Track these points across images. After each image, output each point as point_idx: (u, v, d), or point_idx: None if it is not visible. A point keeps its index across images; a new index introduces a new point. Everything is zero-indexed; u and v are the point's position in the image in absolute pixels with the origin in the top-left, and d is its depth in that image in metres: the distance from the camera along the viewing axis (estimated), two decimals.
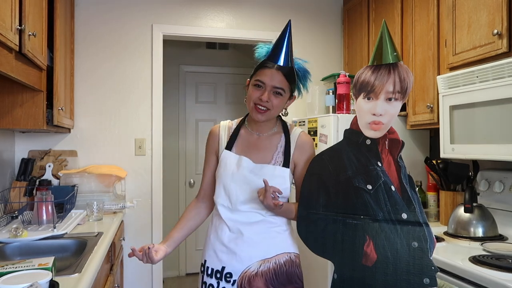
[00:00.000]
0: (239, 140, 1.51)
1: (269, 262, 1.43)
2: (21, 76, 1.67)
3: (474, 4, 1.84)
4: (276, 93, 1.40)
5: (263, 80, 1.40)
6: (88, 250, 1.68)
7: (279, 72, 1.40)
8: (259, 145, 1.49)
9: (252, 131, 1.52)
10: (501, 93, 1.65)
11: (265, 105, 1.40)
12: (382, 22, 1.30)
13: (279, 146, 1.49)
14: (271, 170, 1.43)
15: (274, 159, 1.46)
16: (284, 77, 1.40)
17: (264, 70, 1.41)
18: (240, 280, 1.41)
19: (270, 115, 1.43)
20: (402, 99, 1.26)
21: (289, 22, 1.44)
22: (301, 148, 1.49)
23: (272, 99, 1.40)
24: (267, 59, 1.42)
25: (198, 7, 3.16)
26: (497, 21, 1.70)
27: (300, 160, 1.48)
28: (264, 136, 1.51)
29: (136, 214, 2.99)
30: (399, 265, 1.22)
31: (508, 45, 1.66)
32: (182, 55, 4.33)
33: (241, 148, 1.49)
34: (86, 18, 2.93)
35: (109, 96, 2.97)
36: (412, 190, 1.26)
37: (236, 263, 1.42)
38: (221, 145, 1.52)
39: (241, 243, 1.43)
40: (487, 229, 1.91)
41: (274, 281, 1.41)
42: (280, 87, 1.40)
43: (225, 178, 1.45)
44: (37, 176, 2.66)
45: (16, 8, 1.52)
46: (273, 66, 1.40)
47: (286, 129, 1.52)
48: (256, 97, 1.41)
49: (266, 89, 1.40)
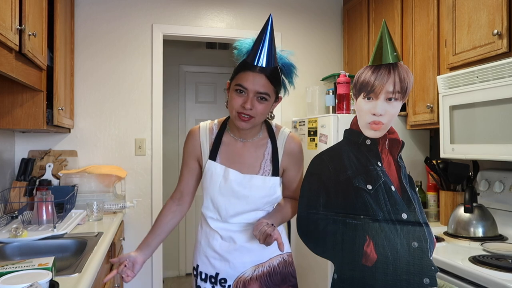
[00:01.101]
0: (222, 148, 1.40)
1: (263, 266, 1.42)
2: (21, 76, 1.66)
3: (474, 4, 1.84)
4: (261, 98, 1.28)
5: (245, 85, 1.27)
6: (88, 250, 1.68)
7: (261, 75, 1.27)
8: (244, 154, 1.40)
9: (236, 138, 1.41)
10: (501, 93, 1.65)
11: (249, 113, 1.28)
12: (382, 22, 1.30)
13: (266, 153, 1.40)
14: (261, 181, 1.37)
15: (262, 168, 1.39)
16: (268, 80, 1.28)
17: (245, 73, 1.28)
18: (235, 285, 1.40)
19: (255, 122, 1.32)
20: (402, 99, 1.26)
21: (270, 16, 1.29)
22: (290, 154, 1.42)
23: (256, 105, 1.28)
24: (247, 60, 1.29)
25: (198, 7, 3.16)
26: (497, 21, 1.70)
27: (290, 165, 1.43)
28: (249, 142, 1.41)
29: (136, 214, 2.99)
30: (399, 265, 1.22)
31: (508, 45, 1.66)
32: (182, 55, 4.33)
33: (226, 157, 1.39)
34: (86, 18, 2.93)
35: (109, 96, 2.97)
36: (412, 190, 1.26)
37: (230, 270, 1.41)
38: (203, 152, 1.42)
39: (234, 251, 1.40)
40: (487, 229, 1.91)
41: (268, 283, 1.41)
42: (264, 92, 1.28)
43: (212, 191, 1.38)
44: (37, 176, 2.66)
45: (16, 8, 1.52)
46: (255, 68, 1.27)
47: (272, 133, 1.42)
48: (238, 105, 1.28)
49: (249, 95, 1.27)
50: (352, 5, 3.14)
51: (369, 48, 2.87)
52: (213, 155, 1.39)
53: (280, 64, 1.35)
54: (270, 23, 1.29)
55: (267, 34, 1.28)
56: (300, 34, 3.33)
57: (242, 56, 1.33)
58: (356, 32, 3.07)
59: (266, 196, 1.36)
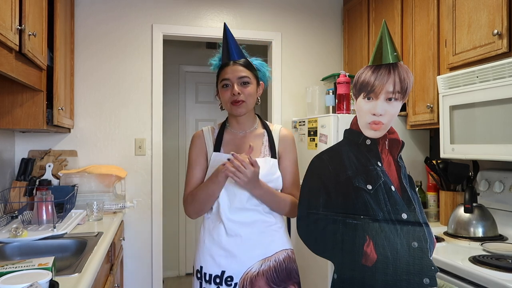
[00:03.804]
0: (225, 141, 1.55)
1: (270, 260, 1.44)
2: (21, 76, 1.67)
3: (474, 4, 1.84)
4: (244, 83, 1.48)
5: (227, 77, 1.48)
6: (88, 250, 1.68)
7: (237, 64, 1.49)
8: (246, 142, 1.53)
9: (235, 131, 1.57)
10: (501, 93, 1.65)
11: (239, 98, 1.46)
12: (382, 22, 1.30)
13: (264, 140, 1.55)
14: (263, 162, 1.46)
15: (262, 153, 1.52)
16: (244, 67, 1.49)
17: (224, 70, 1.50)
18: (241, 282, 1.41)
19: (248, 105, 1.49)
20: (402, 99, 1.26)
21: (224, 24, 1.55)
22: (284, 141, 1.57)
23: (242, 90, 1.47)
24: (222, 61, 1.52)
25: (198, 7, 3.16)
26: (497, 21, 1.70)
27: (284, 152, 1.56)
28: (248, 132, 1.56)
29: (136, 214, 2.99)
30: (399, 265, 1.22)
31: (508, 45, 1.66)
32: (182, 55, 4.33)
33: (229, 148, 1.52)
34: (86, 18, 2.93)
35: (109, 96, 2.97)
36: (412, 190, 1.26)
37: (237, 266, 1.42)
38: (208, 148, 1.55)
39: (241, 245, 1.43)
40: (487, 229, 1.91)
41: (275, 278, 1.43)
42: (245, 76, 1.48)
43: None
44: (37, 176, 2.66)
45: (16, 8, 1.52)
46: (230, 62, 1.50)
47: (267, 126, 1.59)
48: (228, 96, 1.48)
49: (233, 84, 1.47)
50: (352, 5, 3.14)
51: (369, 48, 2.87)
52: (217, 148, 1.53)
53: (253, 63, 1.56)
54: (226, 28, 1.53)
55: (228, 36, 1.52)
56: (300, 34, 3.33)
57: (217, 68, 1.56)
58: (356, 32, 3.07)
59: (268, 175, 1.45)
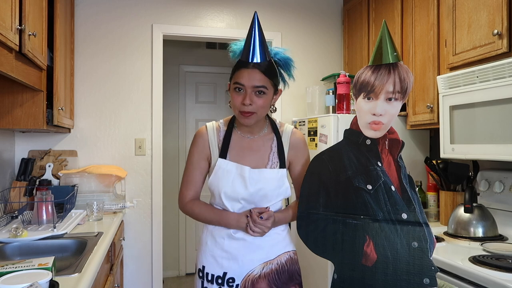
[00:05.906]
0: (232, 145, 1.44)
1: (272, 263, 1.43)
2: (21, 76, 1.66)
3: (474, 4, 1.83)
4: (258, 92, 1.33)
5: (241, 82, 1.33)
6: (88, 250, 1.68)
7: (256, 70, 1.32)
8: (253, 147, 1.45)
9: (243, 135, 1.46)
10: (502, 93, 1.65)
11: (249, 109, 1.33)
12: (382, 22, 1.30)
13: (273, 146, 1.45)
14: (269, 174, 1.40)
15: (270, 160, 1.43)
16: (263, 74, 1.32)
17: (240, 71, 1.34)
18: (243, 284, 1.40)
19: (258, 117, 1.38)
20: (402, 99, 1.26)
21: (255, 14, 1.34)
22: (296, 147, 1.47)
23: (255, 100, 1.33)
24: (242, 58, 1.35)
25: (198, 7, 3.16)
26: (497, 21, 1.70)
27: (296, 158, 1.48)
28: (257, 137, 1.46)
29: (136, 214, 2.99)
30: (399, 265, 1.22)
31: (508, 45, 1.66)
32: (182, 55, 4.33)
33: (236, 153, 1.43)
34: (86, 18, 2.93)
35: (109, 96, 2.97)
36: (412, 190, 1.26)
37: (238, 268, 1.41)
38: (212, 151, 1.45)
39: (243, 247, 1.41)
40: (487, 229, 1.91)
41: (276, 281, 1.42)
42: (261, 86, 1.33)
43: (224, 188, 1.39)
44: (37, 176, 2.65)
45: (16, 8, 1.52)
46: (249, 65, 1.33)
47: (276, 129, 1.48)
48: (239, 103, 1.34)
49: (247, 91, 1.33)
50: (352, 5, 3.14)
51: (369, 48, 2.87)
52: (223, 153, 1.43)
53: (276, 59, 1.41)
54: (256, 20, 1.34)
55: (255, 30, 1.34)
56: (300, 34, 3.33)
57: (237, 57, 1.39)
58: (356, 32, 3.07)
59: (276, 188, 1.40)
